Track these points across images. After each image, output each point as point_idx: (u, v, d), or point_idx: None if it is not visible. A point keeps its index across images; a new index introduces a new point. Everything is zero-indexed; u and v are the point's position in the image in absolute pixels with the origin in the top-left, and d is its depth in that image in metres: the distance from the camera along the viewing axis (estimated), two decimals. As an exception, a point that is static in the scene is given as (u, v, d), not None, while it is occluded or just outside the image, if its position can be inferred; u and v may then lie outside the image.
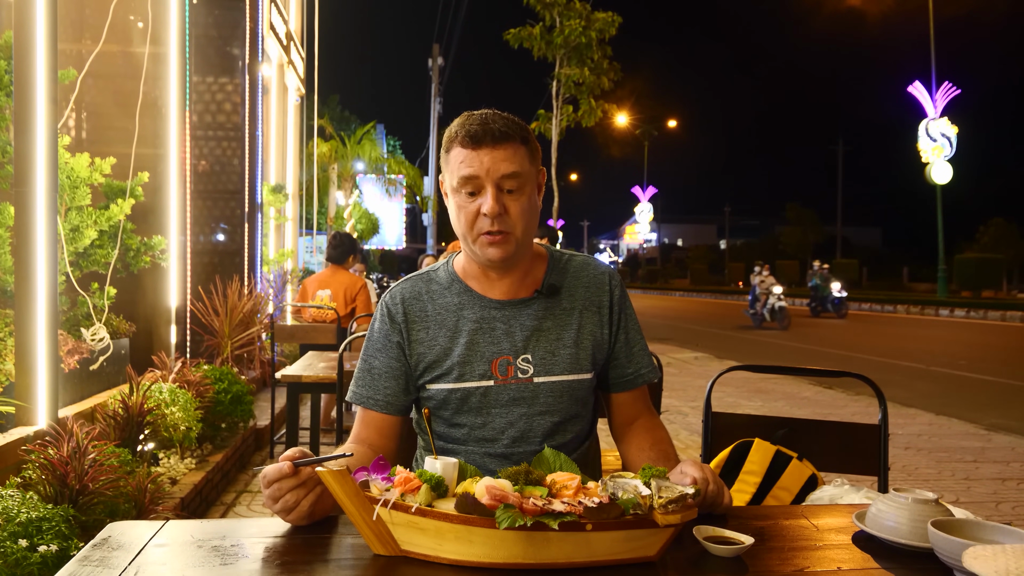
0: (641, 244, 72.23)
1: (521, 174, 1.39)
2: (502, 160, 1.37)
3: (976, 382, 8.60)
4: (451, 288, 1.51)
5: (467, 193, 1.39)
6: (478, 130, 1.37)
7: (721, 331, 16.39)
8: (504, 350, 1.45)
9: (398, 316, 1.50)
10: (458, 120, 1.44)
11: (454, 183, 1.40)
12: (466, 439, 1.46)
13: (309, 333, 4.80)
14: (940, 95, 26.45)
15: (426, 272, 1.57)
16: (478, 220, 1.39)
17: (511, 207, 1.39)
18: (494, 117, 1.40)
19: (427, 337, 1.48)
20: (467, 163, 1.37)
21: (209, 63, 6.76)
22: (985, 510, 3.84)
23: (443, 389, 1.46)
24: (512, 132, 1.39)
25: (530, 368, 1.45)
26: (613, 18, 12.46)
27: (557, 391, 1.46)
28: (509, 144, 1.38)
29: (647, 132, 49.92)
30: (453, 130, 1.42)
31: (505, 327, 1.47)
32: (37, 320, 2.96)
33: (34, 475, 2.44)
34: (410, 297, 1.51)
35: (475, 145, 1.37)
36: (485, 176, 1.37)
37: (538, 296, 1.50)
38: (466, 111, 1.46)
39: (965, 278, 28.37)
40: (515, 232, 1.40)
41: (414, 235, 44.39)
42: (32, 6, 2.98)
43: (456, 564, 1.01)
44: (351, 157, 20.77)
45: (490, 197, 1.37)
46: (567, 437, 1.48)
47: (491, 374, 1.44)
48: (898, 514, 1.12)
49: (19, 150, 2.97)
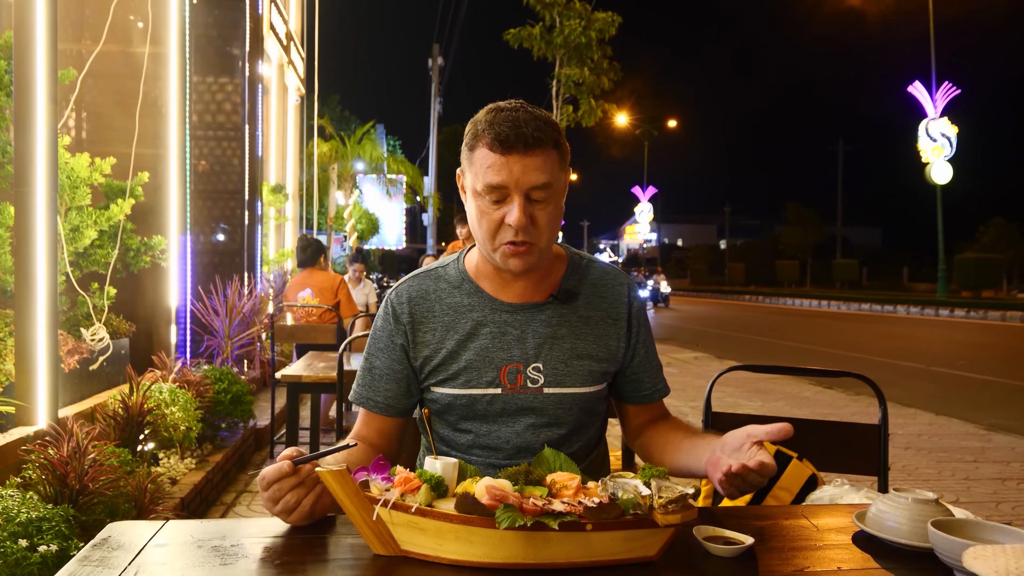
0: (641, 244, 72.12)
1: (551, 184, 1.29)
2: (533, 170, 1.27)
3: (976, 382, 8.60)
4: (461, 288, 1.43)
5: (492, 200, 1.30)
6: (509, 134, 1.26)
7: (721, 331, 16.39)
8: (514, 357, 1.38)
9: (403, 316, 1.42)
10: (484, 114, 1.31)
11: (478, 187, 1.30)
12: (471, 445, 1.41)
13: (309, 333, 4.80)
14: (940, 95, 26.44)
15: (434, 269, 1.48)
16: (502, 229, 1.30)
17: (538, 217, 1.30)
18: (527, 118, 1.28)
19: (433, 339, 1.41)
20: (495, 169, 1.27)
21: (209, 63, 6.76)
22: (985, 510, 3.84)
23: (448, 394, 1.40)
24: (545, 137, 1.28)
25: (540, 378, 1.38)
26: (613, 18, 12.47)
27: (567, 403, 1.40)
28: (541, 150, 1.28)
29: (647, 132, 49.84)
30: (479, 127, 1.30)
31: (517, 332, 1.40)
32: (37, 320, 2.96)
33: (34, 475, 2.44)
34: (417, 296, 1.43)
35: (505, 151, 1.26)
36: (514, 187, 1.27)
37: (553, 301, 1.42)
38: (493, 103, 1.34)
39: (965, 278, 28.37)
40: (540, 242, 1.32)
41: (414, 235, 44.37)
42: (32, 6, 2.98)
43: (456, 564, 1.01)
44: (351, 157, 20.75)
45: (517, 208, 1.27)
46: (574, 447, 1.43)
47: (499, 382, 1.38)
48: (898, 514, 1.11)
49: (19, 150, 2.97)
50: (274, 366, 5.19)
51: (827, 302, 26.95)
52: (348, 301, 5.41)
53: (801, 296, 31.17)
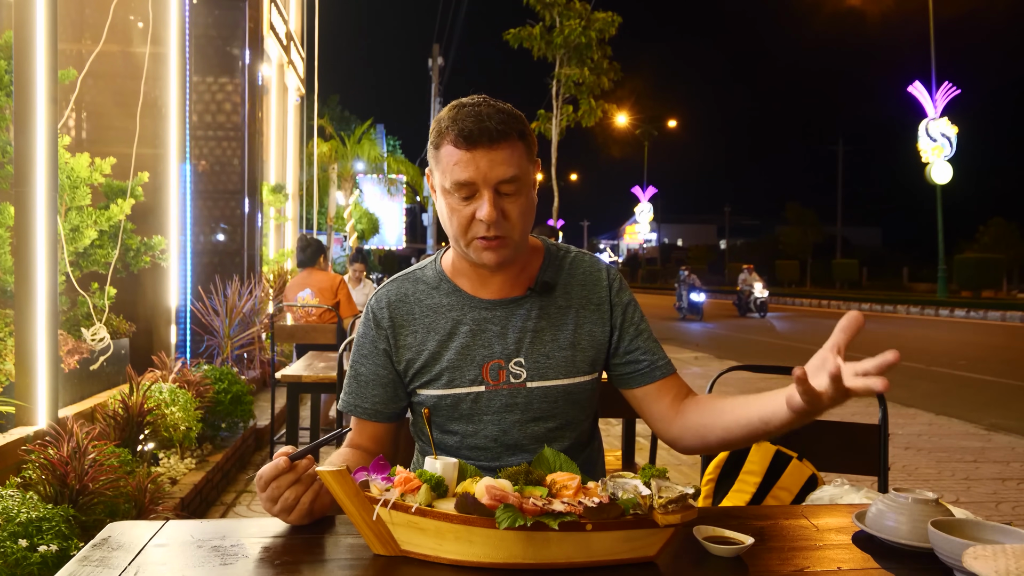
0: (641, 244, 72.17)
1: (519, 176, 1.28)
2: (500, 163, 1.26)
3: (976, 382, 8.60)
4: (439, 288, 1.42)
5: (461, 197, 1.28)
6: (473, 129, 1.24)
7: (722, 331, 16.39)
8: (495, 353, 1.37)
9: (384, 321, 1.42)
10: (447, 112, 1.30)
11: (446, 184, 1.29)
12: (459, 447, 1.40)
13: (309, 333, 4.80)
14: (940, 95, 26.45)
15: (412, 272, 1.47)
16: (473, 224, 1.29)
17: (509, 210, 1.29)
18: (489, 112, 1.26)
19: (415, 342, 1.40)
20: (461, 166, 1.26)
21: (209, 63, 6.77)
22: (985, 510, 3.84)
23: (433, 395, 1.39)
24: (509, 129, 1.27)
25: (523, 372, 1.37)
26: (613, 18, 12.46)
27: (552, 396, 1.38)
28: (506, 143, 1.26)
29: (647, 132, 49.88)
30: (443, 124, 1.28)
31: (497, 329, 1.38)
32: (37, 320, 2.96)
33: (34, 475, 2.44)
34: (396, 300, 1.43)
35: (469, 146, 1.25)
36: (482, 182, 1.26)
37: (531, 294, 1.40)
38: (456, 100, 1.32)
39: (965, 278, 28.37)
40: (513, 235, 1.31)
41: (414, 235, 44.38)
42: (32, 6, 2.98)
43: (456, 564, 1.01)
44: (351, 157, 20.76)
45: (487, 203, 1.26)
46: (565, 444, 1.41)
47: (482, 379, 1.37)
48: (898, 514, 1.11)
49: (19, 150, 2.97)
50: (274, 366, 5.19)
51: (827, 302, 26.94)
52: (348, 301, 5.42)
53: (801, 296, 31.17)
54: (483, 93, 1.34)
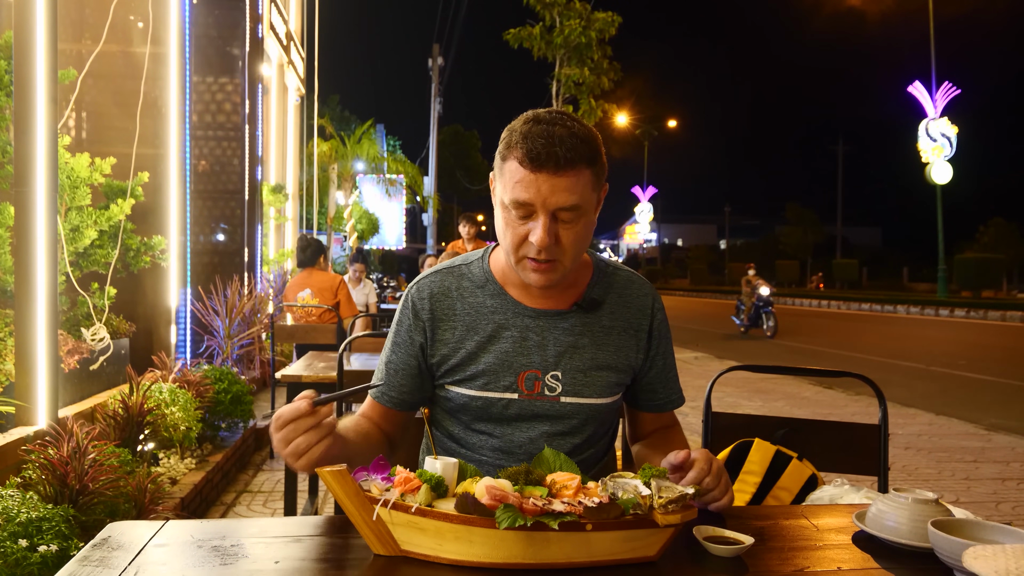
0: (641, 244, 72.15)
1: (580, 205, 1.25)
2: (562, 190, 1.23)
3: (976, 382, 8.60)
4: (485, 288, 1.41)
5: (518, 216, 1.27)
6: (541, 152, 1.22)
7: (721, 331, 16.39)
8: (534, 364, 1.37)
9: (423, 313, 1.41)
10: (520, 124, 1.27)
11: (505, 199, 1.27)
12: (482, 447, 1.41)
13: (309, 333, 4.81)
14: (940, 95, 26.46)
15: (457, 266, 1.45)
16: (525, 244, 1.28)
17: (564, 236, 1.27)
18: (562, 135, 1.23)
19: (452, 338, 1.39)
20: (523, 185, 1.24)
21: (209, 63, 6.76)
22: (985, 510, 3.84)
23: (464, 394, 1.39)
24: (577, 157, 1.23)
25: (559, 386, 1.37)
26: (613, 18, 12.48)
27: (583, 414, 1.39)
28: (572, 171, 1.23)
29: (647, 132, 49.86)
30: (513, 138, 1.26)
31: (538, 339, 1.37)
32: (37, 320, 2.96)
33: (34, 475, 2.44)
34: (438, 292, 1.41)
35: (535, 168, 1.22)
36: (540, 206, 1.24)
37: (577, 309, 1.39)
38: (532, 111, 1.30)
39: (965, 278, 28.38)
40: (564, 260, 1.29)
41: (414, 235, 44.36)
42: (32, 6, 2.98)
43: (456, 564, 1.01)
44: (351, 157, 20.74)
45: (541, 227, 1.24)
46: (585, 455, 1.43)
47: (516, 387, 1.36)
48: (898, 514, 1.12)
49: (19, 150, 2.97)
50: (274, 366, 5.20)
51: (827, 302, 26.95)
52: (348, 301, 5.43)
53: (801, 296, 31.18)
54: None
